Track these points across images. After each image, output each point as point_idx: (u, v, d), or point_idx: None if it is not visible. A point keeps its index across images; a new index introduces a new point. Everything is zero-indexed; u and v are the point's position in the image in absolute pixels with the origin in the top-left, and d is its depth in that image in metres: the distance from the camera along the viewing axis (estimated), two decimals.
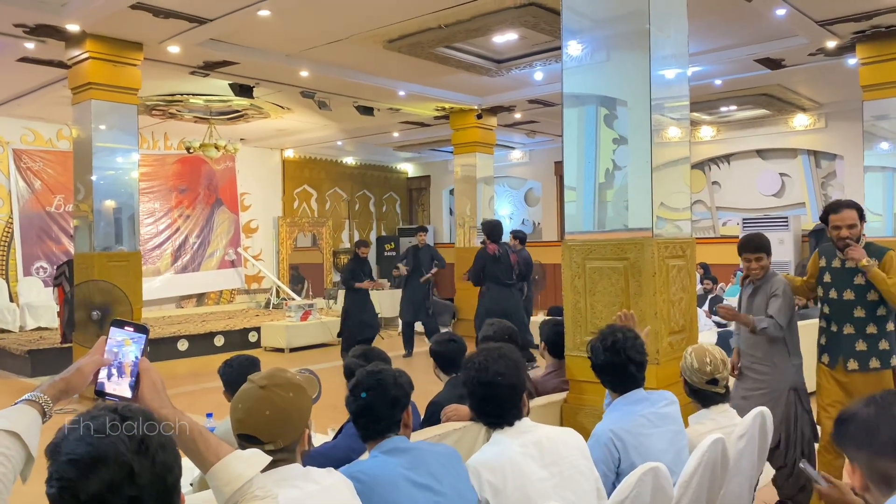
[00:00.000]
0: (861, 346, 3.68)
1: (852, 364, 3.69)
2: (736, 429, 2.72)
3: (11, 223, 11.32)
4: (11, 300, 10.97)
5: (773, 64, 8.69)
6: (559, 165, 14.51)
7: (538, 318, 10.68)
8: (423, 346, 10.47)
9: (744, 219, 12.20)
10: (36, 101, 9.92)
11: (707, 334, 7.62)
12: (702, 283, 10.53)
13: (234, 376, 3.22)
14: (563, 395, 3.83)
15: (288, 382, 1.79)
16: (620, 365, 2.65)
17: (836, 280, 3.77)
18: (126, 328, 1.50)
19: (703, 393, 2.83)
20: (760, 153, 12.88)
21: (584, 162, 4.09)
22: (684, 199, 4.10)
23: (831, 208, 3.78)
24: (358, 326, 9.31)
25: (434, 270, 9.93)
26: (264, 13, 6.61)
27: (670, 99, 4.04)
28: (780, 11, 6.89)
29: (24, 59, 7.97)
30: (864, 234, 3.83)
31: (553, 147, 14.73)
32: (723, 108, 11.44)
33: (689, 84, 4.28)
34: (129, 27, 7.01)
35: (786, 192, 12.60)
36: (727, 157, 13.21)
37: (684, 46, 4.20)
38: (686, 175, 4.14)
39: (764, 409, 2.82)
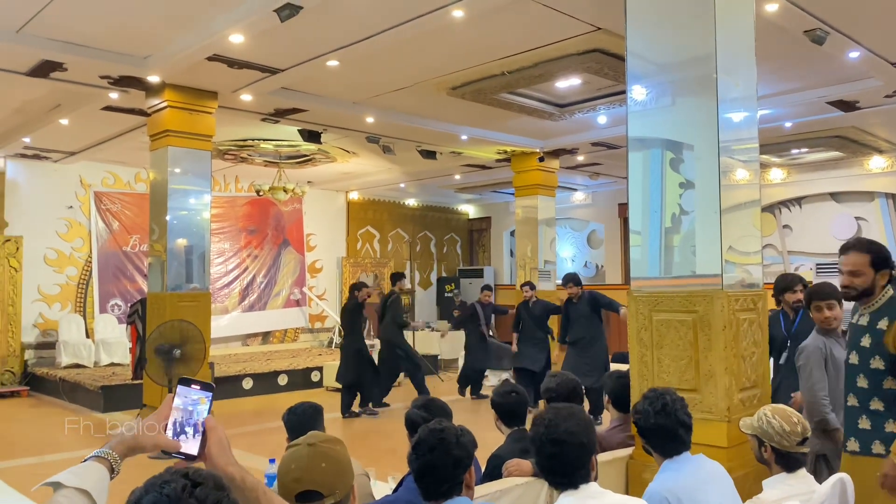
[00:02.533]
0: (864, 423, 2.94)
1: (852, 444, 2.98)
2: (814, 496, 2.58)
3: (90, 262, 11.84)
4: (87, 336, 11.41)
5: (846, 106, 8.44)
6: (623, 207, 14.33)
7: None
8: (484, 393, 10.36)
9: (817, 264, 11.74)
10: (117, 146, 10.43)
11: None
12: None
13: (298, 423, 3.25)
14: (628, 450, 3.72)
15: (332, 438, 1.85)
16: (671, 428, 2.57)
17: (850, 338, 3.07)
18: (193, 386, 1.53)
19: (792, 457, 2.67)
20: (834, 196, 12.45)
21: (649, 206, 4.04)
22: (754, 243, 3.99)
23: (840, 250, 3.07)
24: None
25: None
26: (333, 63, 6.83)
27: (738, 142, 3.98)
28: (854, 54, 6.72)
29: (107, 108, 8.41)
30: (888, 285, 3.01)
31: (616, 189, 14.57)
32: (794, 151, 11.14)
33: (757, 127, 4.21)
34: (206, 77, 7.34)
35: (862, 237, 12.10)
36: (798, 200, 12.82)
37: (752, 90, 4.13)
38: (756, 218, 4.04)
39: (844, 475, 2.67)
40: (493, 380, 11.31)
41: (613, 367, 10.19)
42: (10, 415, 9.21)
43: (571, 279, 8.45)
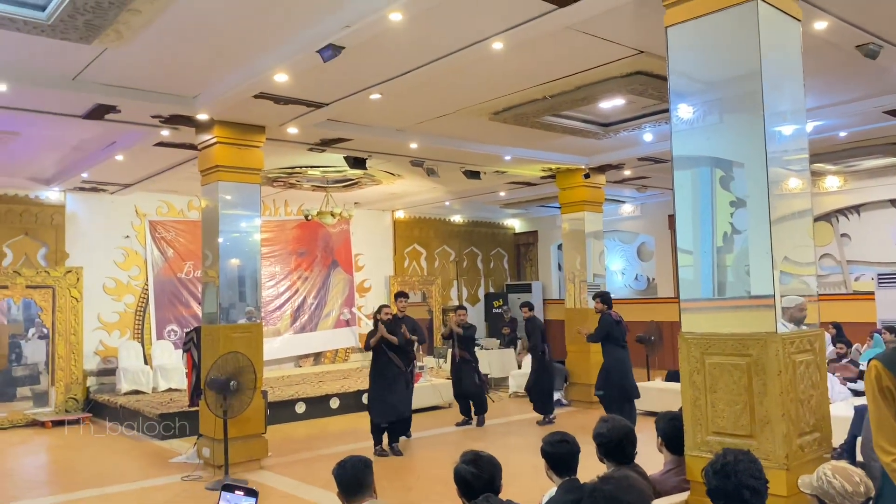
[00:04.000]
0: None
1: None
2: None
3: (147, 290, 12.18)
4: (146, 362, 11.72)
5: None
6: (674, 219, 14.06)
7: (656, 384, 10.33)
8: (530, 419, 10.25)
9: (879, 274, 11.34)
10: (169, 178, 10.71)
11: (841, 405, 7.05)
12: (834, 345, 9.78)
13: (348, 478, 3.26)
14: (683, 495, 3.64)
15: None
16: (732, 491, 2.48)
17: None
18: (237, 492, 1.56)
19: None
20: (895, 203, 12.02)
21: (699, 225, 3.97)
22: (809, 254, 3.89)
23: None
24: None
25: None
26: (376, 96, 6.90)
27: (788, 153, 3.89)
28: None
29: (159, 144, 8.66)
30: None
31: (665, 200, 14.34)
32: (849, 159, 10.80)
33: (809, 138, 4.10)
34: (253, 113, 7.49)
35: None
36: (857, 208, 12.41)
37: (801, 103, 4.04)
38: (809, 228, 3.94)
39: None
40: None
41: (661, 385, 10.12)
42: (73, 443, 9.51)
43: (598, 295, 9.11)
